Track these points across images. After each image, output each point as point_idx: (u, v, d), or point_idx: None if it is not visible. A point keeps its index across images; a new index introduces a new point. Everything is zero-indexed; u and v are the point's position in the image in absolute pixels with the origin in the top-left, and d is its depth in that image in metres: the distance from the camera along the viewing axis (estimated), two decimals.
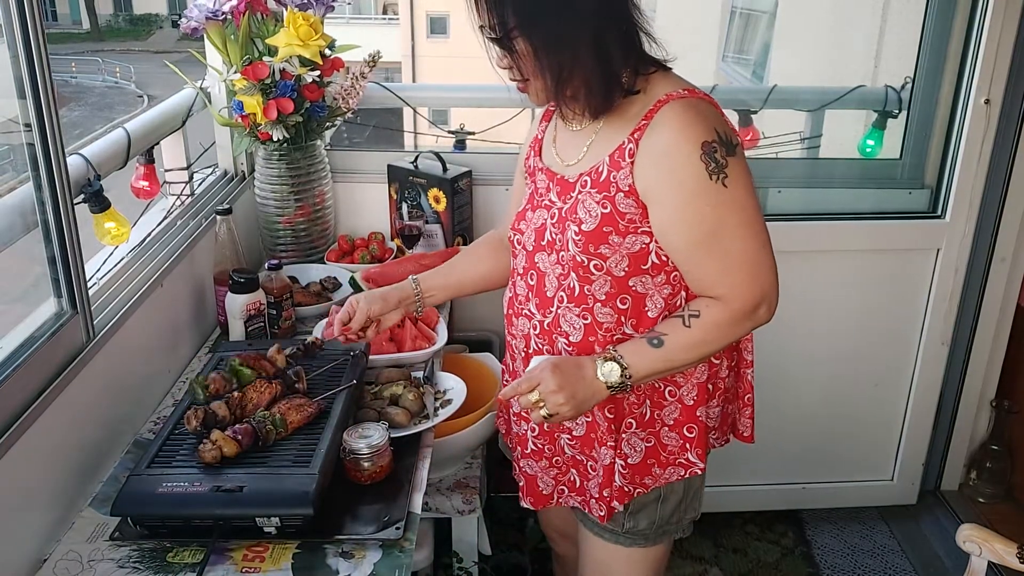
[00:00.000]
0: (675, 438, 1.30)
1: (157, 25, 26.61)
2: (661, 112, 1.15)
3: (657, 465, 1.31)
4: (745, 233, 1.15)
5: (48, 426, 1.19)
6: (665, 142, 1.14)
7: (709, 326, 1.18)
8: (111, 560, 1.14)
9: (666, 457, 1.31)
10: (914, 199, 2.28)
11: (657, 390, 1.28)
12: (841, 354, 2.36)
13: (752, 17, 4.37)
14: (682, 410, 1.29)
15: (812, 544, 2.44)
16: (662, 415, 1.29)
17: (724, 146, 1.13)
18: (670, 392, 1.28)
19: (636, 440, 1.29)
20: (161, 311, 1.59)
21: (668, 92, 1.16)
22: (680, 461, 1.31)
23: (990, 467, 2.53)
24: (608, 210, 1.18)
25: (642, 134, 1.16)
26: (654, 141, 1.15)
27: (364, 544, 1.17)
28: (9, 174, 1.37)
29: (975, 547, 1.45)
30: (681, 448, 1.31)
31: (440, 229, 2.13)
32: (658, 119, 1.15)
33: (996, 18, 2.02)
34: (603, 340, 1.24)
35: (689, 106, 1.15)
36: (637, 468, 1.31)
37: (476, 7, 1.15)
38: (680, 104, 1.15)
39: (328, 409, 1.33)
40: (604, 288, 1.22)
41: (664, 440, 1.30)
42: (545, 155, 1.33)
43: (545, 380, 1.19)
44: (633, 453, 1.30)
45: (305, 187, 2.02)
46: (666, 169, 1.14)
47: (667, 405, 1.29)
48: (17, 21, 1.14)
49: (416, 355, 1.63)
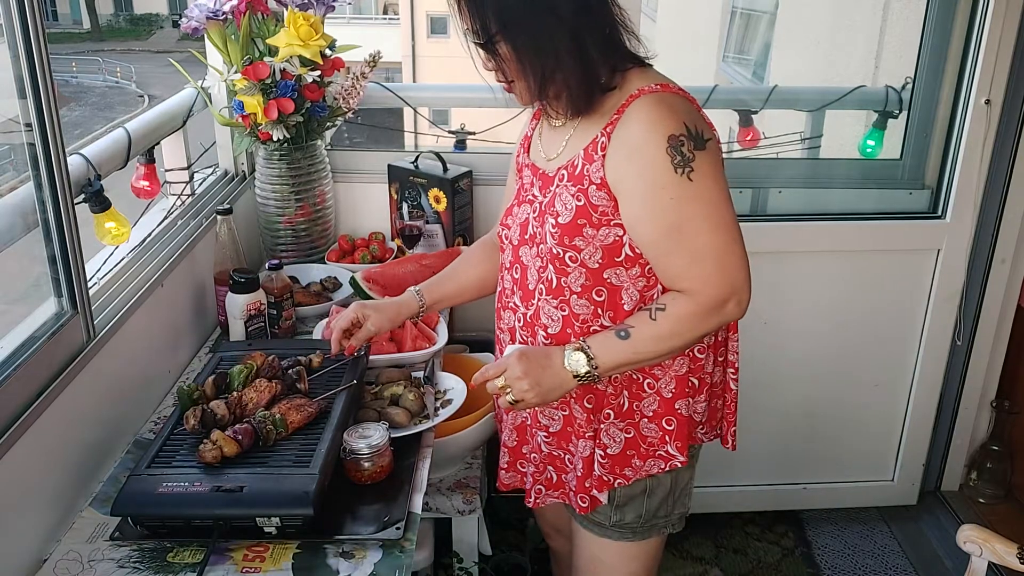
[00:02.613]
0: (654, 429, 1.31)
1: (158, 25, 26.60)
2: (632, 106, 1.17)
3: (637, 456, 1.32)
4: (711, 227, 1.16)
5: (48, 426, 1.19)
6: (633, 136, 1.15)
7: (675, 319, 1.19)
8: (111, 560, 1.14)
9: (646, 449, 1.32)
10: (914, 199, 2.28)
11: (636, 381, 1.29)
12: (841, 354, 2.36)
13: (752, 17, 4.37)
14: (660, 402, 1.29)
15: (812, 544, 2.44)
16: (641, 406, 1.30)
17: (693, 140, 1.14)
18: (648, 384, 1.29)
19: (615, 431, 1.30)
20: (161, 311, 1.59)
21: (640, 87, 1.18)
22: (660, 453, 1.32)
23: (990, 468, 2.53)
24: (582, 203, 1.20)
25: (614, 128, 1.18)
26: (624, 135, 1.16)
27: (364, 544, 1.17)
28: (10, 174, 1.37)
29: (975, 548, 1.45)
30: (660, 440, 1.31)
31: (440, 229, 2.13)
32: (628, 113, 1.17)
33: (997, 18, 2.02)
34: (579, 332, 1.25)
35: (659, 100, 1.16)
36: (617, 459, 1.32)
37: (459, 12, 1.17)
38: (650, 99, 1.16)
39: (328, 409, 1.33)
40: (579, 280, 1.23)
41: (644, 431, 1.31)
42: (532, 151, 1.36)
43: (511, 366, 1.22)
44: (612, 443, 1.31)
45: (306, 187, 2.02)
46: (634, 162, 1.16)
47: (646, 397, 1.29)
48: (18, 20, 1.14)
49: (416, 355, 1.63)
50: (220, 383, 1.36)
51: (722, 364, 1.38)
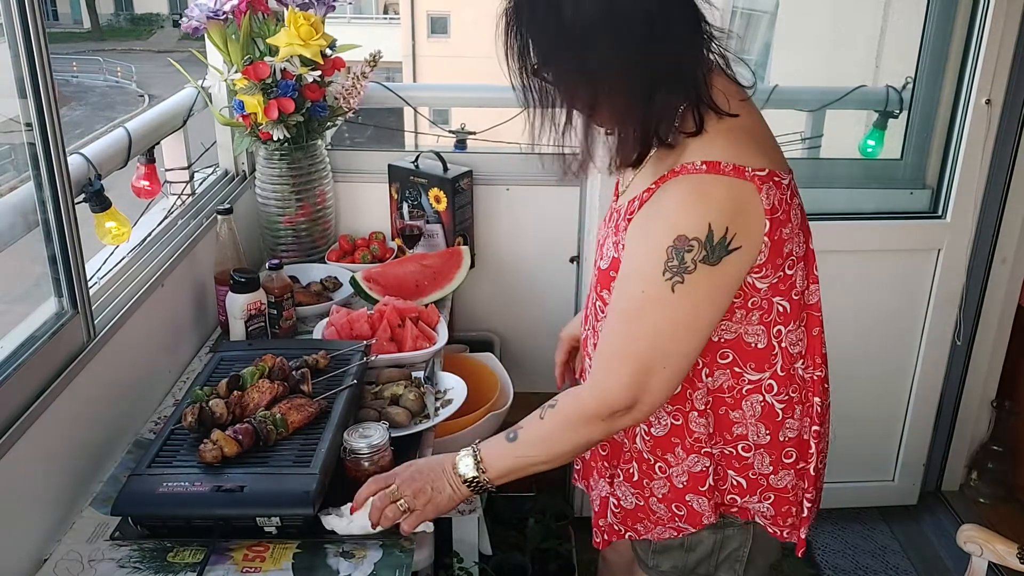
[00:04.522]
0: (663, 509, 1.22)
1: (158, 24, 26.59)
2: (665, 185, 1.04)
3: (648, 521, 1.25)
4: (656, 342, 1.04)
5: (49, 426, 1.19)
6: (652, 214, 1.05)
7: (558, 419, 1.11)
8: (112, 560, 1.14)
9: (656, 519, 1.24)
10: (915, 199, 2.28)
11: (646, 461, 1.21)
12: (842, 354, 2.33)
13: (753, 17, 4.37)
14: (671, 489, 1.20)
15: (813, 544, 2.44)
16: (651, 486, 1.22)
17: (707, 248, 1.00)
18: (660, 468, 1.20)
19: (627, 493, 1.25)
20: (162, 311, 1.59)
21: (686, 163, 1.02)
22: (671, 527, 1.23)
23: (991, 468, 2.53)
24: (617, 255, 1.13)
25: (650, 195, 1.07)
26: (646, 210, 1.07)
27: (364, 544, 1.17)
28: (10, 173, 1.37)
29: (976, 548, 1.45)
30: (671, 518, 1.22)
31: (441, 229, 2.13)
32: (660, 190, 1.05)
33: (997, 18, 2.02)
34: None
35: (694, 187, 1.01)
36: (629, 514, 1.26)
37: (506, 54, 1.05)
38: (686, 182, 1.02)
39: (329, 409, 1.34)
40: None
41: (653, 508, 1.23)
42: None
43: (401, 474, 1.16)
44: (626, 498, 1.25)
45: (306, 187, 2.02)
46: (638, 238, 1.07)
47: (656, 479, 1.21)
48: (18, 20, 1.14)
49: (416, 355, 1.63)
50: (233, 385, 1.35)
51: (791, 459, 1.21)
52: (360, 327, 1.66)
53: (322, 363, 1.46)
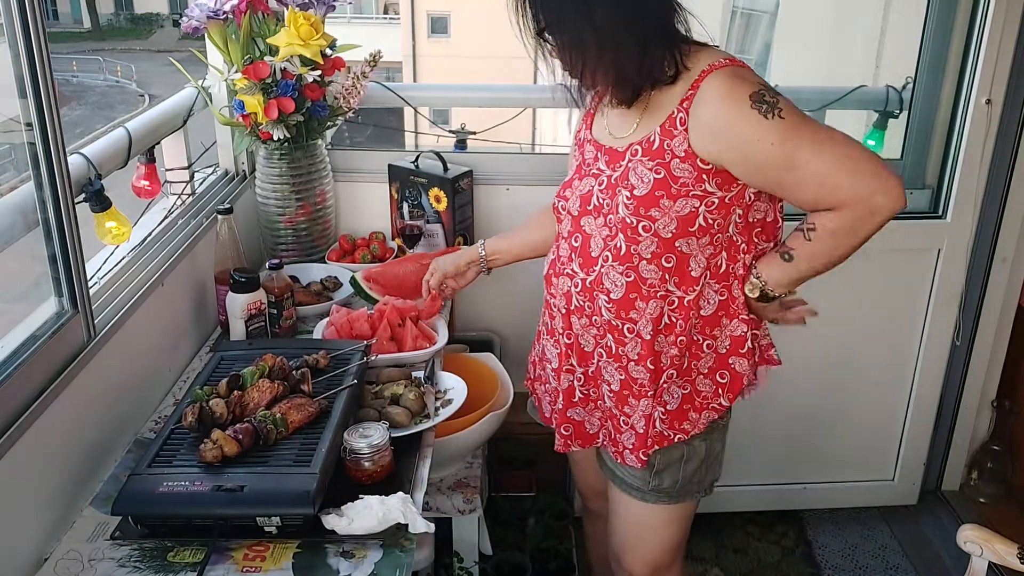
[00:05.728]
0: (708, 384, 1.42)
1: (158, 24, 26.59)
2: (706, 81, 1.25)
3: (693, 410, 1.43)
4: (820, 147, 1.23)
5: (49, 425, 1.19)
6: (719, 112, 1.23)
7: (827, 235, 1.28)
8: (112, 559, 1.14)
9: (700, 402, 1.43)
10: (915, 199, 2.28)
11: (695, 342, 1.39)
12: (842, 354, 2.36)
13: (753, 17, 4.36)
14: (716, 359, 1.41)
15: (813, 544, 2.44)
16: (697, 365, 1.41)
17: (768, 91, 1.23)
18: (707, 345, 1.40)
19: (674, 388, 1.41)
20: (162, 310, 1.59)
21: (711, 62, 1.26)
22: (713, 405, 1.43)
23: (991, 467, 2.53)
24: (662, 175, 1.27)
25: (690, 103, 1.25)
26: (704, 110, 1.24)
27: (364, 544, 1.17)
28: (10, 173, 1.37)
29: (976, 547, 1.45)
30: (714, 393, 1.42)
31: (441, 229, 2.13)
32: (704, 88, 1.25)
33: (997, 18, 2.02)
34: (645, 296, 1.34)
35: (732, 72, 1.25)
36: (675, 414, 1.42)
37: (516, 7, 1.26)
38: (723, 72, 1.25)
39: (329, 409, 1.33)
40: (651, 248, 1.31)
41: (699, 387, 1.42)
42: (595, 128, 1.42)
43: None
44: (671, 400, 1.41)
45: (306, 186, 2.02)
46: (729, 135, 1.23)
47: (702, 357, 1.40)
48: (18, 20, 1.14)
49: (417, 355, 1.63)
50: (233, 385, 1.35)
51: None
52: (360, 327, 1.66)
53: (322, 363, 1.46)
